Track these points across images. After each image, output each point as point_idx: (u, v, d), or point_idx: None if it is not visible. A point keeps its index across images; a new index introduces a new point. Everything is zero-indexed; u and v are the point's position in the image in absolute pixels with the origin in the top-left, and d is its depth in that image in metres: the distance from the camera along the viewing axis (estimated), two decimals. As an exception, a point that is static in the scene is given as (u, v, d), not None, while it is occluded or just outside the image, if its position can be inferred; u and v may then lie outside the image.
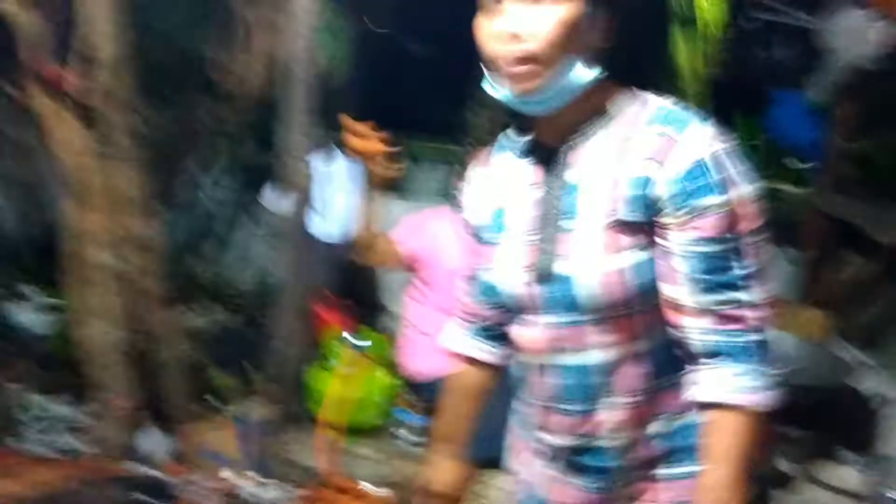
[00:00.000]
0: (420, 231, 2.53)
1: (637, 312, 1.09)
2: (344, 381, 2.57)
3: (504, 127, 1.29)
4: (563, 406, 1.18)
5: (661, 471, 1.17)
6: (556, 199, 1.12)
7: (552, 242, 1.11)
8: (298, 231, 2.49)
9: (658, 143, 1.04)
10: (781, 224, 3.91)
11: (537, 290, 1.13)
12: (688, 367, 1.10)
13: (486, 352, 1.38)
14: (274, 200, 2.86)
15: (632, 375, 1.13)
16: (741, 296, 1.03)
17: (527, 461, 1.31)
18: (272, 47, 3.08)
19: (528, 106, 1.10)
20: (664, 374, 1.13)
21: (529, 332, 1.18)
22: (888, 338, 3.69)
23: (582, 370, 1.14)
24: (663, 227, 1.05)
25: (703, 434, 1.09)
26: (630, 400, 1.13)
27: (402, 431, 2.61)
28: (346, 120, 2.26)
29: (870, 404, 2.75)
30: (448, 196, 4.28)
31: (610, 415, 1.15)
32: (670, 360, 1.12)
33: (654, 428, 1.16)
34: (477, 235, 1.29)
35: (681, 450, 1.16)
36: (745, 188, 1.03)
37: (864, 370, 2.96)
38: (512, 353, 1.31)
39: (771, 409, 1.05)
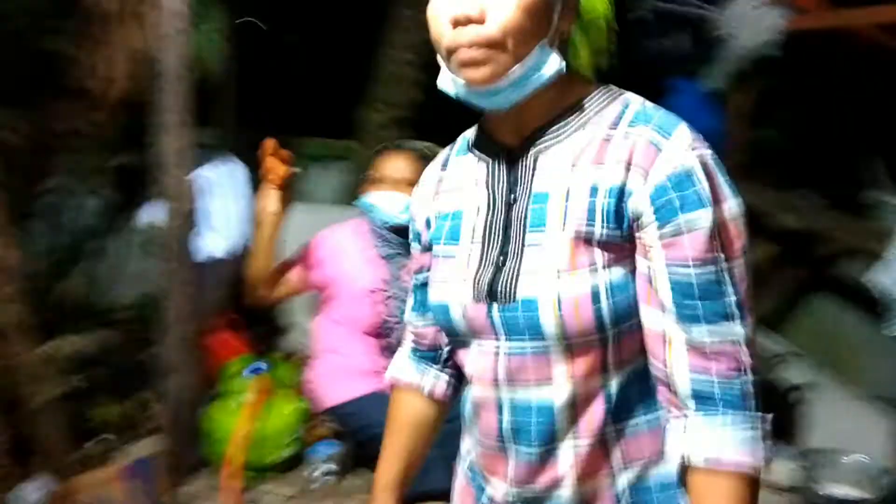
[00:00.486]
0: (327, 249, 2.31)
1: (611, 341, 0.93)
2: (249, 414, 2.31)
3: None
4: (519, 448, 1.00)
5: None
6: (520, 208, 0.96)
7: (515, 259, 0.95)
8: (182, 247, 2.20)
9: (641, 148, 0.89)
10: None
11: (495, 312, 0.96)
12: (669, 410, 0.93)
13: (434, 379, 1.20)
14: (152, 214, 2.56)
15: (601, 413, 0.96)
16: (734, 327, 0.88)
17: None
18: (140, 43, 2.81)
19: (485, 99, 0.94)
20: (639, 412, 0.97)
21: (483, 361, 1.01)
22: (794, 322, 3.75)
23: (544, 405, 0.96)
24: (645, 244, 0.90)
25: (691, 497, 0.91)
26: (597, 441, 0.96)
27: (319, 463, 2.38)
28: (269, 145, 2.05)
29: (791, 394, 2.72)
30: (351, 199, 4.12)
31: (573, 459, 0.97)
32: (647, 396, 0.96)
33: (623, 478, 0.99)
34: (424, 245, 1.12)
35: None
36: (732, 201, 0.89)
37: (781, 359, 2.95)
38: (462, 382, 1.13)
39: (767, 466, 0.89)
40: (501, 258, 0.97)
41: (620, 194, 0.89)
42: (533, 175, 0.96)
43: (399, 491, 1.21)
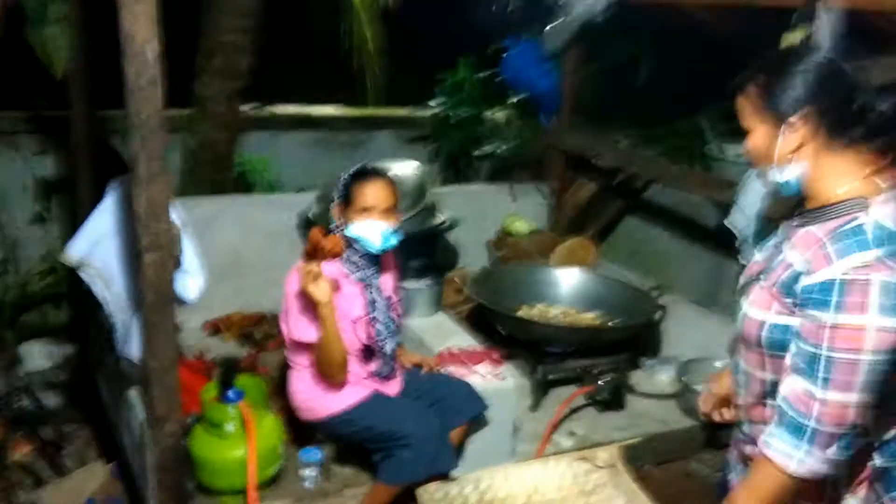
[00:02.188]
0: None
1: (768, 355, 1.49)
2: (234, 439, 2.34)
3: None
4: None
5: None
6: (771, 257, 1.54)
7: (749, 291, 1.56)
8: (166, 300, 2.11)
9: (818, 257, 1.37)
10: (528, 162, 4.39)
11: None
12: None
13: None
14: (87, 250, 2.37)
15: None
16: (810, 386, 1.35)
17: None
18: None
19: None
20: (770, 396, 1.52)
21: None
22: (615, 242, 4.40)
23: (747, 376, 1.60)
24: (795, 312, 1.41)
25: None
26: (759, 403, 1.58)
27: (308, 472, 2.49)
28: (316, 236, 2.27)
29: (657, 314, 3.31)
30: (193, 184, 3.91)
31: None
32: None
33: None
34: None
35: None
36: (859, 318, 1.30)
37: (657, 289, 3.52)
38: None
39: None
40: (751, 284, 1.57)
41: (794, 277, 1.41)
42: (788, 237, 1.51)
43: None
